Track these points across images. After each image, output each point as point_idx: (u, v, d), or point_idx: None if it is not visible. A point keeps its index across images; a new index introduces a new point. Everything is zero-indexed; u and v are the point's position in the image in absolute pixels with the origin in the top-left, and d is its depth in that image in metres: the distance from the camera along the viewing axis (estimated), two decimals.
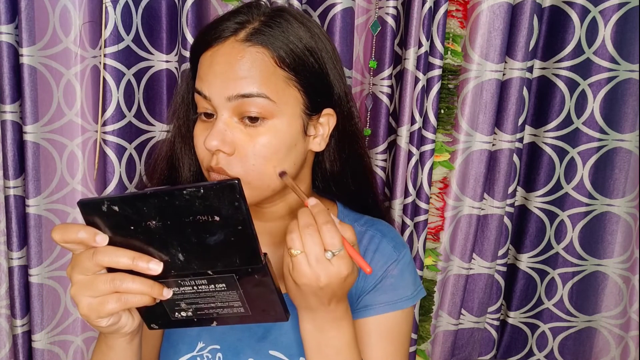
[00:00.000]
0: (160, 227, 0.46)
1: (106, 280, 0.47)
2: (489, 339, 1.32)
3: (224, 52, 0.57)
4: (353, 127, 0.68)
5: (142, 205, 0.46)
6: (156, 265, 0.48)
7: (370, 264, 0.68)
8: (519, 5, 1.11)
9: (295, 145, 0.60)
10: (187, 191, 0.44)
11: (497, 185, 1.20)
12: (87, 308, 0.48)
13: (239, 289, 0.50)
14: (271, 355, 0.67)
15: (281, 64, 0.57)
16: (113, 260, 0.47)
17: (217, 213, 0.45)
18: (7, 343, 1.05)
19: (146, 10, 1.04)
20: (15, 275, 1.01)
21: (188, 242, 0.47)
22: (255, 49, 0.56)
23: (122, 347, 0.55)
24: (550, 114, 1.20)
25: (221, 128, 0.57)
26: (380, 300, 0.67)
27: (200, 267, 0.49)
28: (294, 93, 0.58)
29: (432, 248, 1.22)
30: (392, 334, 0.67)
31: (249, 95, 0.56)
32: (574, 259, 1.26)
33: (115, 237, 0.48)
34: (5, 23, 0.92)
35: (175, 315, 0.53)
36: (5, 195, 0.99)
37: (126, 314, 0.52)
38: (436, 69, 1.08)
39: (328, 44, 0.62)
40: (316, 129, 0.63)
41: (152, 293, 0.49)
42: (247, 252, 0.48)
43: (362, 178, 0.73)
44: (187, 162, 0.67)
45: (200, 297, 0.51)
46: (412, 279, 0.70)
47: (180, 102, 0.66)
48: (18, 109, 0.97)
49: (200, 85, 0.58)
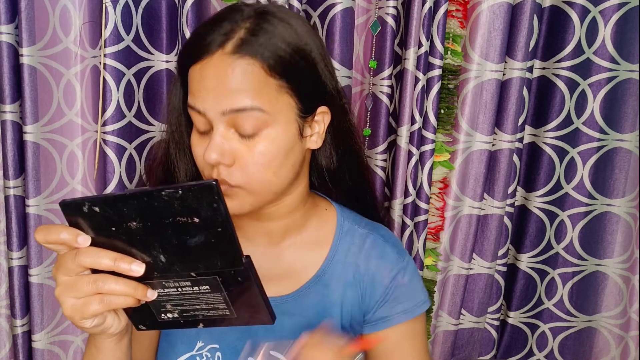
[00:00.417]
0: (141, 228, 0.46)
1: (89, 281, 0.47)
2: (489, 339, 1.32)
3: (212, 66, 0.56)
4: (347, 123, 0.68)
5: (122, 206, 0.45)
6: (138, 267, 0.47)
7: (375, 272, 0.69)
8: (519, 5, 1.11)
9: (292, 149, 0.60)
10: (165, 192, 0.44)
11: (497, 185, 1.20)
12: (71, 309, 0.48)
13: (223, 291, 0.50)
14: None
15: (272, 72, 0.56)
16: (95, 261, 0.47)
17: (196, 214, 0.45)
18: (7, 343, 1.05)
19: (146, 10, 1.04)
20: (15, 275, 1.01)
21: (169, 244, 0.47)
22: (245, 61, 0.55)
23: (110, 347, 0.55)
24: (550, 114, 1.20)
25: (219, 141, 0.57)
26: (397, 310, 0.68)
27: (183, 269, 0.49)
28: (287, 99, 0.58)
29: (432, 248, 1.22)
30: (415, 339, 0.69)
31: (242, 110, 0.56)
32: (574, 259, 1.26)
33: (98, 238, 0.47)
34: (5, 23, 0.92)
35: (161, 317, 0.53)
36: (5, 195, 0.99)
37: (112, 315, 0.51)
38: (436, 69, 1.08)
39: (316, 39, 0.61)
40: (312, 128, 0.63)
41: (135, 294, 0.48)
42: (228, 254, 0.47)
43: (358, 174, 0.73)
44: (183, 168, 0.67)
45: (185, 298, 0.51)
46: (420, 284, 0.72)
47: (172, 109, 0.66)
48: (18, 109, 0.97)
49: (193, 101, 0.58)
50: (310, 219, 0.69)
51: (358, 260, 0.69)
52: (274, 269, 0.68)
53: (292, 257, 0.68)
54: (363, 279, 0.68)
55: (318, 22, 1.09)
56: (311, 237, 0.69)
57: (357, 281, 0.68)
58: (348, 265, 0.68)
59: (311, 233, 0.69)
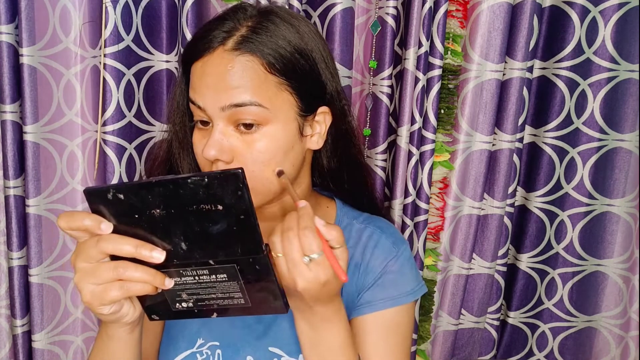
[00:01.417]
0: (164, 215, 0.47)
1: (109, 267, 0.48)
2: (489, 339, 1.32)
3: (213, 63, 0.57)
4: (346, 126, 0.68)
5: (147, 194, 0.46)
6: (159, 254, 0.48)
7: (369, 260, 0.68)
8: (519, 5, 1.11)
9: (292, 148, 0.60)
10: (191, 180, 0.45)
11: (497, 185, 1.20)
12: (90, 295, 0.48)
13: (240, 280, 0.51)
14: (270, 352, 0.67)
15: (271, 69, 0.57)
16: (117, 247, 0.47)
17: (220, 202, 0.46)
18: (7, 343, 1.05)
19: (146, 10, 1.04)
20: (15, 275, 1.01)
21: (191, 231, 0.48)
22: (245, 58, 0.56)
23: (122, 337, 0.55)
24: (550, 114, 1.20)
25: (218, 137, 0.57)
26: (380, 296, 0.67)
27: (202, 257, 0.49)
28: (287, 97, 0.58)
29: (432, 248, 1.22)
30: (394, 330, 0.67)
31: (241, 105, 0.56)
32: (574, 259, 1.26)
33: (119, 225, 0.48)
34: (5, 23, 0.92)
35: (176, 306, 0.54)
36: (5, 195, 0.99)
37: (128, 303, 0.52)
38: (436, 69, 1.08)
39: (318, 41, 0.61)
40: (313, 128, 0.63)
41: (154, 282, 0.49)
42: (248, 242, 0.48)
43: (359, 178, 0.73)
44: (187, 167, 0.68)
45: (201, 287, 0.52)
46: (412, 275, 0.70)
47: (176, 108, 0.66)
48: (18, 109, 0.97)
49: (194, 96, 0.59)
50: None
51: (355, 253, 0.69)
52: None
53: None
54: (359, 270, 0.69)
55: (318, 22, 1.09)
56: None
57: (354, 274, 0.69)
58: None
59: None
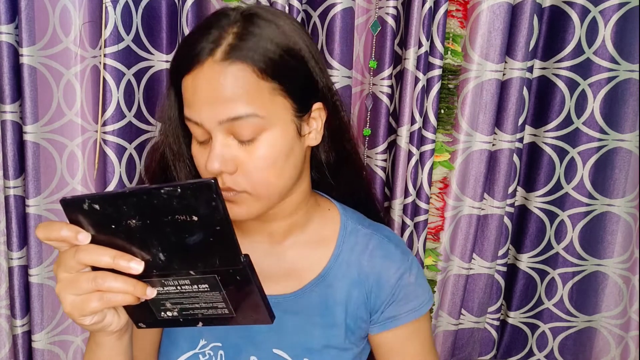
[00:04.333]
0: (140, 226, 0.46)
1: (89, 278, 0.47)
2: (489, 339, 1.32)
3: (204, 76, 0.56)
4: (338, 121, 0.68)
5: (122, 204, 0.45)
6: (137, 265, 0.47)
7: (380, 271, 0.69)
8: (519, 5, 1.11)
9: (292, 150, 0.60)
10: (164, 190, 0.44)
11: (497, 185, 1.20)
12: (71, 306, 0.48)
13: (222, 290, 0.50)
14: (274, 354, 0.67)
15: (264, 75, 0.56)
16: (94, 258, 0.47)
17: (195, 213, 0.45)
18: (7, 343, 1.05)
19: (146, 10, 1.04)
20: (15, 275, 1.01)
21: (168, 242, 0.47)
22: (236, 67, 0.55)
23: (110, 344, 0.55)
24: (550, 114, 1.20)
25: (219, 151, 0.57)
26: (405, 309, 0.69)
27: (181, 267, 0.49)
28: (282, 101, 0.58)
29: (432, 248, 1.22)
30: (423, 337, 0.71)
31: (239, 117, 0.56)
32: (574, 259, 1.26)
33: (98, 235, 0.48)
34: (5, 23, 0.92)
35: (161, 315, 0.53)
36: (5, 195, 0.99)
37: (111, 313, 0.52)
38: (436, 69, 1.08)
39: (303, 37, 0.61)
40: (309, 125, 0.63)
41: (135, 292, 0.48)
42: (226, 253, 0.47)
43: (356, 170, 0.73)
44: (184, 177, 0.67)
45: (184, 297, 0.51)
46: (425, 282, 0.73)
47: (167, 120, 0.65)
48: (18, 109, 0.97)
49: (189, 113, 0.58)
50: (312, 218, 0.69)
51: (362, 259, 0.69)
52: (276, 268, 0.68)
53: (295, 256, 0.68)
54: (368, 278, 0.68)
55: (318, 22, 1.09)
56: (314, 236, 0.69)
57: (362, 280, 0.68)
58: (352, 264, 0.68)
59: (314, 232, 0.69)
